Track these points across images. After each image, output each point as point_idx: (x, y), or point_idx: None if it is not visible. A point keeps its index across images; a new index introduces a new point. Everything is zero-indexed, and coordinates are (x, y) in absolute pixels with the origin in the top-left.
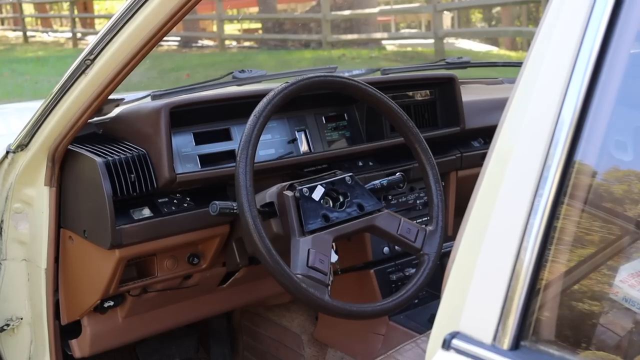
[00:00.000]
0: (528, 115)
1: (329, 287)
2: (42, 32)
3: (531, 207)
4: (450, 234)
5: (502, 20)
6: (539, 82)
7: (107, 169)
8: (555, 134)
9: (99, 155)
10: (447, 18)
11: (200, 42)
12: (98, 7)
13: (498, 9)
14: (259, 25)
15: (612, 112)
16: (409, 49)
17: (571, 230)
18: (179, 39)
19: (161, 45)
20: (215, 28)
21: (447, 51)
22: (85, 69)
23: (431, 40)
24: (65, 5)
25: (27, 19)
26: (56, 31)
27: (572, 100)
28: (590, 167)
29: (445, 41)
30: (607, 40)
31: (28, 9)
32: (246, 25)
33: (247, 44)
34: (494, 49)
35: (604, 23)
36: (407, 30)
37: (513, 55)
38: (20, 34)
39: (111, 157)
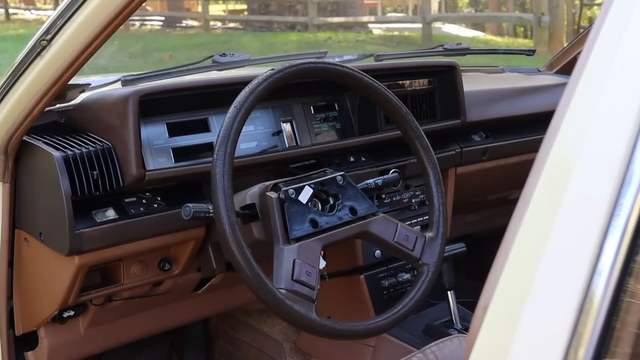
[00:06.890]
0: (600, 113)
1: (316, 302)
2: (25, 9)
3: (608, 226)
4: (447, 235)
5: (488, 6)
6: (612, 73)
7: (65, 165)
8: None
9: (57, 149)
10: (434, 3)
11: (185, 23)
12: None
13: None
14: (244, 6)
15: None
16: (396, 33)
17: None
18: (162, 18)
19: (144, 25)
20: (200, 8)
21: (434, 36)
22: (41, 50)
23: (418, 25)
24: None
25: None
26: (39, 9)
27: None
28: None
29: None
30: None
31: None
32: (231, 6)
33: (232, 25)
34: (480, 34)
35: None
36: (393, 14)
37: (500, 40)
38: (2, 11)
39: (71, 150)
